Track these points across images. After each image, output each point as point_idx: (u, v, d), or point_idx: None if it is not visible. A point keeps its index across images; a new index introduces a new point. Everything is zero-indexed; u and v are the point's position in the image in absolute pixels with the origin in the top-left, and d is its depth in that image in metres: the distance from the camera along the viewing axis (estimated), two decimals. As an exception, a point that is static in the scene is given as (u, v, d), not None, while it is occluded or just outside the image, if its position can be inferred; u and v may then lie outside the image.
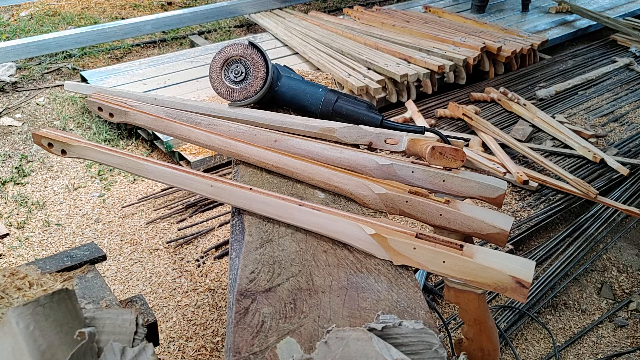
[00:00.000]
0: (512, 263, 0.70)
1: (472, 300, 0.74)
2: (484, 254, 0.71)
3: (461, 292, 0.74)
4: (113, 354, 0.60)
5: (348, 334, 0.57)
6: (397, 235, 0.75)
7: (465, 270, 0.71)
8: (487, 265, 0.70)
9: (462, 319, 0.77)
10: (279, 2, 4.20)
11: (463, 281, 0.71)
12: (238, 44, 1.09)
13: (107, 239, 2.06)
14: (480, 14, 4.26)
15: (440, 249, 0.72)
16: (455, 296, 0.75)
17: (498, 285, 0.69)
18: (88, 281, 0.89)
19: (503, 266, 0.69)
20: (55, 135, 0.96)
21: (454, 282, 0.74)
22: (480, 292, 0.73)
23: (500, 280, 0.69)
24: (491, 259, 0.70)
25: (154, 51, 3.80)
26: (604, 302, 1.86)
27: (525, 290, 0.68)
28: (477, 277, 0.70)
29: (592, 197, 2.19)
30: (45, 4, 4.43)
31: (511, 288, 0.69)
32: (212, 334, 1.67)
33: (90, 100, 1.10)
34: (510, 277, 0.68)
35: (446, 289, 0.76)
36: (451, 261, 0.71)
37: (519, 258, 0.71)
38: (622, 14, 4.35)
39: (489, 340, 0.76)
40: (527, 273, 0.69)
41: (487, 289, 0.71)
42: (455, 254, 0.71)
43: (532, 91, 3.16)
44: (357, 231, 0.77)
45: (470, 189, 0.88)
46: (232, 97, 1.11)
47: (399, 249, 0.74)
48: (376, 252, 0.76)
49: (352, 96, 1.11)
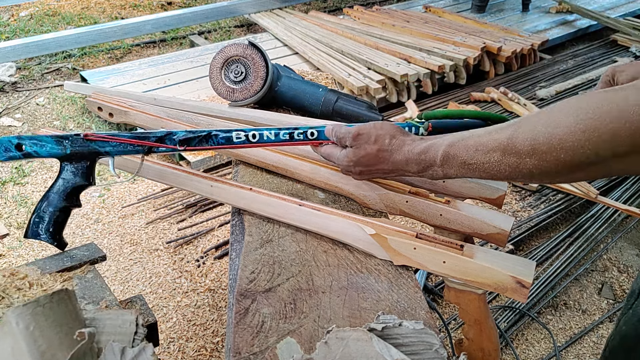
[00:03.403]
0: (512, 263, 0.70)
1: (472, 300, 0.74)
2: (485, 254, 0.71)
3: (461, 292, 0.74)
4: (113, 354, 0.60)
5: (348, 334, 0.57)
6: (397, 235, 0.75)
7: (465, 270, 0.71)
8: (487, 266, 0.70)
9: (463, 320, 0.77)
10: (279, 2, 4.20)
11: (463, 281, 0.71)
12: (238, 44, 1.08)
13: (107, 239, 2.06)
14: (480, 13, 4.26)
15: (440, 249, 0.72)
16: (455, 296, 0.75)
17: (498, 286, 0.69)
18: (88, 281, 0.89)
19: (503, 266, 0.69)
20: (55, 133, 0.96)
21: (455, 283, 0.74)
22: (481, 292, 0.73)
23: (500, 280, 0.69)
24: (491, 259, 0.70)
25: (153, 51, 3.80)
26: (604, 302, 1.86)
27: (526, 290, 0.68)
28: (478, 278, 0.70)
29: (593, 197, 2.19)
30: (45, 4, 4.42)
31: (511, 288, 0.69)
32: (212, 334, 1.67)
33: (90, 100, 1.10)
34: (510, 278, 0.68)
35: (446, 289, 0.76)
36: (451, 261, 0.71)
37: (520, 258, 0.71)
38: (622, 13, 4.35)
39: (489, 340, 0.76)
40: (527, 273, 0.69)
41: (488, 289, 0.71)
42: (455, 254, 0.71)
43: (533, 91, 3.16)
44: (357, 231, 0.77)
45: (471, 190, 0.88)
46: (232, 97, 1.11)
47: (399, 249, 0.74)
48: (376, 252, 0.76)
49: (352, 96, 1.11)
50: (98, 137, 0.81)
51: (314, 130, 0.83)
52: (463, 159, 0.65)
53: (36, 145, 0.81)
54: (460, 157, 0.65)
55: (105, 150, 0.82)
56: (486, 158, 0.62)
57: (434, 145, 0.69)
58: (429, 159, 0.69)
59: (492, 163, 0.62)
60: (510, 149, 0.60)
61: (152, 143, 0.82)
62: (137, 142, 0.82)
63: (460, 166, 0.66)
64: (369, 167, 0.76)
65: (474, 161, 0.64)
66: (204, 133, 0.83)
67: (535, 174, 0.59)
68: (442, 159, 0.67)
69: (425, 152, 0.70)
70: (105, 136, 0.82)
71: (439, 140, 0.69)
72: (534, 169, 0.59)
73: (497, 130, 0.62)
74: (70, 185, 0.84)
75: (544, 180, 0.61)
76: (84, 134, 0.81)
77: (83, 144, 0.82)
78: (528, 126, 0.59)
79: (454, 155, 0.66)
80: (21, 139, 0.81)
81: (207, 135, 0.83)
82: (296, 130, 0.83)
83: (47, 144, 0.81)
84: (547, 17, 4.23)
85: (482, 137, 0.63)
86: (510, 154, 0.60)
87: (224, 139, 0.83)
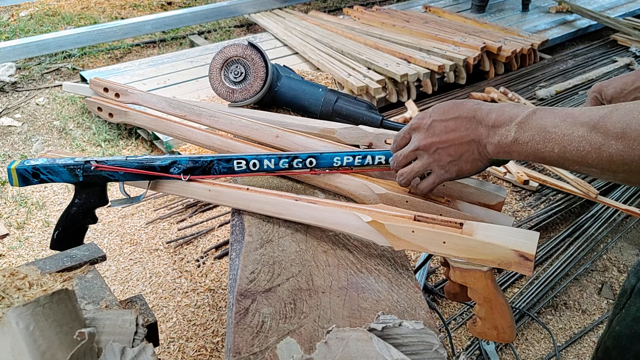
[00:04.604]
0: (514, 236, 0.68)
1: (478, 278, 0.71)
2: (485, 229, 0.69)
3: (466, 271, 0.72)
4: (113, 354, 0.60)
5: (348, 335, 0.57)
6: (394, 220, 0.74)
7: (466, 248, 0.69)
8: (488, 242, 0.68)
9: (472, 299, 0.74)
10: (279, 2, 4.20)
11: (466, 260, 0.70)
12: (237, 44, 1.09)
13: (107, 239, 2.06)
14: (480, 13, 4.26)
15: (439, 229, 0.71)
16: (461, 276, 0.72)
17: (502, 261, 0.67)
18: (88, 281, 0.89)
19: (505, 241, 0.67)
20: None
21: (458, 262, 0.72)
22: (486, 269, 0.71)
23: (503, 255, 0.67)
24: (492, 235, 0.68)
25: (153, 51, 3.80)
26: (604, 302, 1.86)
27: (530, 263, 0.66)
28: (480, 255, 0.69)
29: (593, 197, 2.19)
30: (45, 4, 4.42)
31: (515, 262, 0.67)
32: (212, 334, 1.67)
33: (90, 100, 1.10)
34: (513, 252, 0.67)
35: (451, 270, 0.73)
36: (452, 240, 0.70)
37: (521, 230, 0.69)
38: (622, 13, 4.35)
39: (502, 317, 0.73)
40: (530, 245, 0.66)
41: (491, 265, 0.69)
42: (454, 233, 0.69)
43: (533, 91, 3.16)
44: (354, 220, 0.76)
45: (470, 194, 0.87)
46: (231, 97, 1.11)
47: (397, 233, 0.73)
48: (376, 239, 0.75)
49: (352, 96, 1.11)
50: (107, 168, 0.88)
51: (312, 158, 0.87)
52: (545, 125, 0.62)
53: (51, 174, 0.90)
54: (544, 121, 0.62)
55: (115, 178, 0.90)
56: (570, 130, 0.60)
57: (522, 105, 0.67)
58: (511, 113, 0.66)
59: (573, 137, 0.59)
60: (600, 127, 0.57)
61: (158, 173, 0.88)
62: (144, 172, 0.88)
63: (537, 131, 0.62)
64: (446, 120, 0.72)
65: (556, 130, 0.61)
66: (207, 162, 0.88)
67: (615, 161, 0.57)
68: (524, 117, 0.64)
69: (510, 105, 0.67)
70: (113, 167, 0.88)
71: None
72: (615, 154, 0.56)
73: (592, 108, 0.60)
74: (86, 206, 0.93)
75: (617, 173, 0.58)
76: (94, 165, 0.88)
77: (94, 172, 0.89)
78: (624, 110, 0.57)
79: (539, 117, 0.63)
80: (37, 169, 0.89)
81: (209, 164, 0.88)
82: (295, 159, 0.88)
83: (61, 174, 0.89)
84: (547, 17, 4.23)
85: (573, 110, 0.61)
86: (597, 131, 0.57)
87: (225, 169, 0.88)
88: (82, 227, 0.94)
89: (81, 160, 0.89)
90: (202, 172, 0.88)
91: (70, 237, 0.94)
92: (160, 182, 0.91)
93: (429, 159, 0.74)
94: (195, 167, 0.88)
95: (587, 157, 0.59)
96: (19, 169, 0.89)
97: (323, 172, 0.88)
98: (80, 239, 0.95)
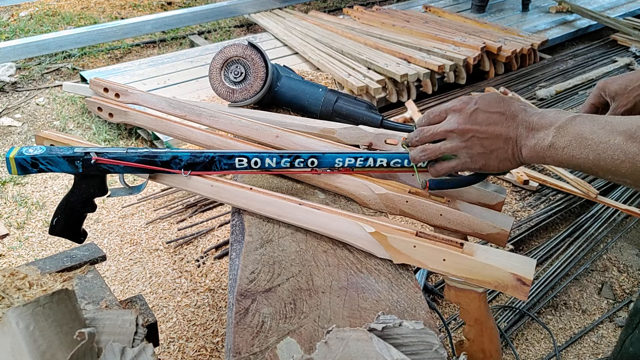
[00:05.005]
0: (512, 261, 0.70)
1: (473, 299, 0.74)
2: (485, 252, 0.71)
3: (462, 291, 0.74)
4: (113, 354, 0.60)
5: (348, 335, 0.57)
6: (397, 234, 0.75)
7: (465, 268, 0.71)
8: (487, 263, 0.69)
9: (463, 319, 0.76)
10: (279, 2, 4.20)
11: (464, 279, 0.71)
12: (237, 44, 1.08)
13: (107, 239, 2.06)
14: (480, 13, 4.26)
15: (440, 247, 0.72)
16: (455, 295, 0.75)
17: (499, 283, 0.69)
18: (88, 281, 0.89)
19: (504, 264, 0.69)
20: (57, 136, 0.96)
21: (455, 281, 0.74)
22: (481, 290, 0.73)
23: (501, 278, 0.69)
24: (492, 257, 0.70)
25: (153, 51, 3.80)
26: (604, 302, 1.86)
27: (527, 287, 0.68)
28: (478, 275, 0.70)
29: (593, 197, 2.19)
30: (45, 4, 4.42)
31: (512, 286, 0.68)
32: (212, 334, 1.67)
33: (90, 100, 1.10)
34: (511, 275, 0.68)
35: (447, 288, 0.76)
36: (452, 259, 0.71)
37: (520, 256, 0.71)
38: (622, 13, 4.35)
39: (490, 341, 0.76)
40: (528, 270, 0.68)
41: (488, 287, 0.70)
42: (455, 252, 0.71)
43: (533, 91, 3.16)
44: (357, 230, 0.77)
45: (470, 194, 0.88)
46: (231, 97, 1.11)
47: (399, 247, 0.74)
48: (376, 251, 0.76)
49: (352, 96, 1.11)
50: (107, 161, 0.86)
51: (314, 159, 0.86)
52: (582, 131, 0.62)
53: (50, 165, 0.87)
54: (582, 128, 0.62)
55: (115, 170, 0.88)
56: (607, 138, 0.60)
57: (564, 111, 0.67)
58: (552, 118, 0.66)
59: (609, 145, 0.59)
60: (637, 137, 0.57)
61: (158, 168, 0.87)
62: (144, 166, 0.87)
63: (575, 137, 0.62)
64: (490, 112, 0.71)
65: (593, 136, 0.61)
66: (208, 158, 0.87)
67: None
68: (563, 122, 0.64)
69: (553, 111, 0.67)
70: (114, 160, 0.86)
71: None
72: None
73: (631, 117, 0.60)
74: (85, 195, 0.91)
75: None
76: (94, 158, 0.85)
77: (93, 164, 0.87)
78: None
79: (578, 123, 0.63)
80: (36, 159, 0.87)
81: (211, 161, 0.87)
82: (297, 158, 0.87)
83: (60, 164, 0.87)
84: (547, 17, 4.23)
85: (612, 119, 0.61)
86: (634, 141, 0.57)
87: (227, 165, 0.87)
88: (80, 215, 0.94)
89: (81, 151, 0.87)
90: (203, 168, 0.87)
91: (69, 225, 0.94)
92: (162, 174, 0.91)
93: (461, 144, 0.73)
94: (197, 162, 0.87)
95: (620, 167, 0.59)
96: (18, 158, 0.86)
97: (324, 172, 0.88)
98: (79, 227, 0.96)
